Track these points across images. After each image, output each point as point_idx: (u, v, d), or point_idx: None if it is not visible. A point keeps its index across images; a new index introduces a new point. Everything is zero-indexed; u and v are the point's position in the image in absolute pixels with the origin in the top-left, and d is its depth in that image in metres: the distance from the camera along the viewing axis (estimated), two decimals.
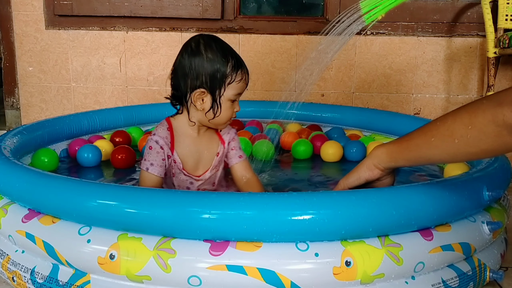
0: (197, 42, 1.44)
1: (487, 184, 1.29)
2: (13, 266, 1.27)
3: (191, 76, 1.41)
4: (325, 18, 2.78)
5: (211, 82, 1.40)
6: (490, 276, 1.27)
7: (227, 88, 1.41)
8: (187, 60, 1.41)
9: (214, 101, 1.42)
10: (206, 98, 1.42)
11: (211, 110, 1.43)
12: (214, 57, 1.40)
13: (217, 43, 1.44)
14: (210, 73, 1.40)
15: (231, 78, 1.41)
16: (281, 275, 1.07)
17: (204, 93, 1.41)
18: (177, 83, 1.45)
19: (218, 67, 1.40)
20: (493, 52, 2.50)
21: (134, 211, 1.13)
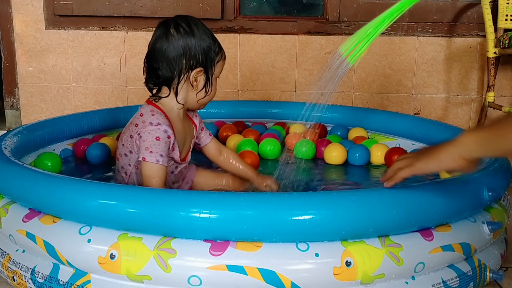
0: (187, 22, 1.43)
1: (488, 184, 1.29)
2: (13, 265, 1.27)
3: (188, 56, 1.41)
4: (325, 18, 2.78)
5: (206, 61, 1.43)
6: (490, 276, 1.28)
7: (216, 66, 1.46)
8: (182, 41, 1.41)
9: (207, 80, 1.45)
10: (201, 77, 1.44)
11: (204, 89, 1.45)
12: (205, 36, 1.43)
13: (202, 23, 1.46)
14: (206, 51, 1.42)
15: (219, 56, 1.46)
16: (281, 275, 1.07)
17: (201, 72, 1.43)
18: (165, 65, 1.42)
19: (211, 45, 1.43)
20: (493, 52, 2.50)
21: (134, 211, 1.13)
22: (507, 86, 2.76)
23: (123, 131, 1.53)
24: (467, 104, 2.80)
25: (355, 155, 2.04)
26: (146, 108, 1.46)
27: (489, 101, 2.54)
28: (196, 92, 1.46)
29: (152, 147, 1.38)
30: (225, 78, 2.83)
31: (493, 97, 2.54)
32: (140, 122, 1.42)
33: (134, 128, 1.43)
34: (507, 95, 2.76)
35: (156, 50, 1.44)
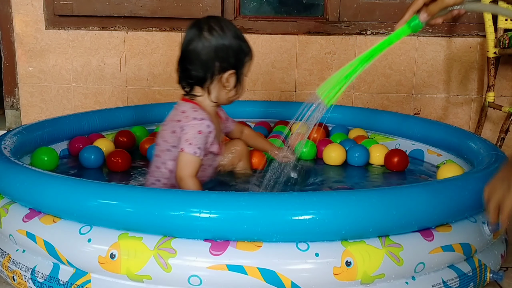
0: (219, 25, 1.49)
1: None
2: (13, 265, 1.27)
3: (221, 58, 1.47)
4: (325, 18, 2.78)
5: (237, 63, 1.50)
6: (491, 276, 1.28)
7: (245, 66, 1.54)
8: (215, 44, 1.46)
9: (238, 80, 1.52)
10: (233, 78, 1.52)
11: (235, 88, 1.53)
12: (236, 38, 1.49)
13: (232, 24, 1.53)
14: (237, 53, 1.49)
15: (249, 57, 1.54)
16: (281, 275, 1.07)
17: (233, 74, 1.51)
18: (198, 67, 1.48)
19: (241, 47, 1.51)
20: (493, 52, 2.50)
21: (134, 211, 1.13)
22: (507, 86, 2.76)
23: (163, 128, 1.57)
24: (467, 104, 2.80)
25: (355, 156, 2.03)
26: (186, 105, 1.52)
27: (489, 101, 2.54)
28: (227, 91, 1.53)
29: (192, 139, 1.44)
30: None
31: (493, 97, 2.54)
32: (183, 117, 1.49)
33: (176, 124, 1.50)
34: (507, 95, 2.76)
35: (189, 51, 1.49)
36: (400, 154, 1.97)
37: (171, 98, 2.86)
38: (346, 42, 2.76)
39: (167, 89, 2.86)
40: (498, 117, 2.74)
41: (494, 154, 1.52)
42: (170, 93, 2.86)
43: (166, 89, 2.86)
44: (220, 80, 1.50)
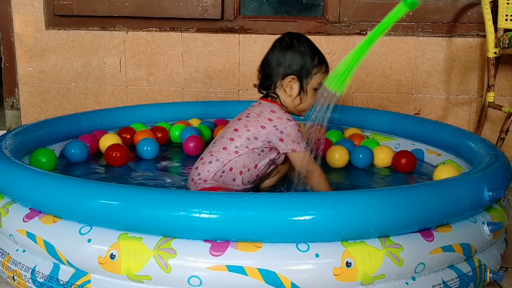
0: (290, 38, 1.68)
1: (488, 184, 1.29)
2: (13, 265, 1.28)
3: (284, 65, 1.63)
4: (325, 18, 2.78)
5: (301, 71, 1.62)
6: (491, 276, 1.28)
7: (313, 77, 1.63)
8: (282, 52, 1.65)
9: (301, 88, 1.63)
10: (295, 85, 1.63)
11: (298, 96, 1.63)
12: (305, 50, 1.64)
13: (307, 40, 1.69)
14: (301, 63, 1.62)
15: (318, 69, 1.63)
16: (281, 275, 1.07)
17: (294, 80, 1.63)
18: (268, 72, 1.67)
19: (308, 58, 1.63)
20: (493, 52, 2.50)
21: (134, 211, 1.13)
22: (507, 86, 2.75)
23: (245, 119, 1.66)
24: (467, 104, 2.80)
25: (359, 156, 2.03)
26: (273, 105, 1.66)
27: (489, 101, 2.54)
28: (292, 98, 1.65)
29: (297, 139, 1.61)
30: (225, 78, 2.83)
31: (493, 97, 2.54)
32: (275, 117, 1.62)
33: (267, 121, 1.62)
34: (507, 95, 2.76)
35: (265, 59, 1.70)
36: (408, 156, 1.97)
37: (171, 98, 2.86)
38: (346, 42, 2.76)
39: (167, 89, 2.86)
40: (498, 117, 2.74)
41: (494, 154, 1.52)
42: (170, 93, 2.86)
43: (166, 89, 2.86)
44: (282, 85, 1.64)
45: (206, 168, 1.60)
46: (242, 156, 1.60)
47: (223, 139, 1.64)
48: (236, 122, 1.66)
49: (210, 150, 1.64)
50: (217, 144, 1.64)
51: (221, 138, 1.65)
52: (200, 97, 2.85)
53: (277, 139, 1.60)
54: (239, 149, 1.60)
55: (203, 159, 1.63)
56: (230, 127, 1.67)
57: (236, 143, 1.61)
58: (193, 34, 2.79)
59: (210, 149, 1.65)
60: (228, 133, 1.64)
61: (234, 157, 1.60)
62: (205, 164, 1.61)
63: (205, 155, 1.64)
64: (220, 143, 1.63)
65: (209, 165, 1.60)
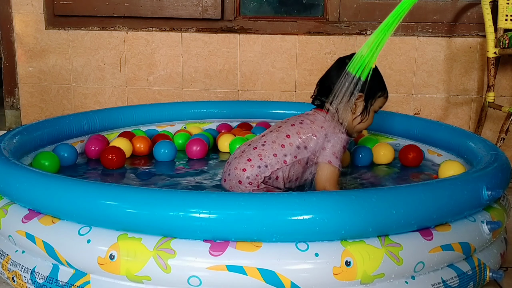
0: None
1: (487, 183, 1.29)
2: (13, 266, 1.27)
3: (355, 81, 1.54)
4: (325, 18, 2.78)
5: (369, 91, 1.59)
6: (490, 276, 1.28)
7: (377, 99, 1.65)
8: None
9: (365, 108, 1.63)
10: (361, 103, 1.62)
11: (360, 115, 1.63)
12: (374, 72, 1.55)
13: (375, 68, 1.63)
14: (371, 84, 1.55)
15: (382, 93, 1.66)
16: (281, 275, 1.07)
17: (361, 98, 1.60)
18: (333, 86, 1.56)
19: (376, 81, 1.60)
20: (493, 52, 2.50)
21: (134, 211, 1.13)
22: (507, 86, 2.75)
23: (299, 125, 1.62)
24: (467, 104, 2.80)
25: (359, 155, 2.03)
26: (328, 117, 1.62)
27: (489, 101, 2.54)
28: (354, 116, 1.63)
29: (338, 153, 1.57)
30: (225, 78, 2.83)
31: (493, 97, 2.54)
32: (328, 127, 1.59)
33: (320, 129, 1.59)
34: (507, 95, 2.76)
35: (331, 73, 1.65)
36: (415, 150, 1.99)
37: (170, 98, 2.86)
38: (346, 42, 2.76)
39: (166, 89, 2.86)
40: (498, 117, 2.74)
41: (493, 154, 1.52)
42: (170, 93, 2.86)
43: (165, 89, 2.86)
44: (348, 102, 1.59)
45: (255, 172, 1.57)
46: (289, 167, 1.58)
47: (274, 144, 1.59)
48: (289, 128, 1.62)
49: (259, 152, 1.59)
50: (267, 147, 1.60)
51: (272, 143, 1.60)
52: (200, 97, 2.85)
53: (322, 146, 1.57)
54: (288, 159, 1.58)
55: (252, 161, 1.58)
56: (282, 131, 1.62)
57: (286, 151, 1.58)
58: (193, 34, 2.79)
59: (259, 151, 1.59)
60: (280, 139, 1.60)
61: (282, 166, 1.58)
62: (254, 167, 1.57)
63: (252, 156, 1.59)
64: (271, 147, 1.59)
65: (258, 169, 1.57)
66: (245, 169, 1.57)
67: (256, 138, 1.67)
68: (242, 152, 1.63)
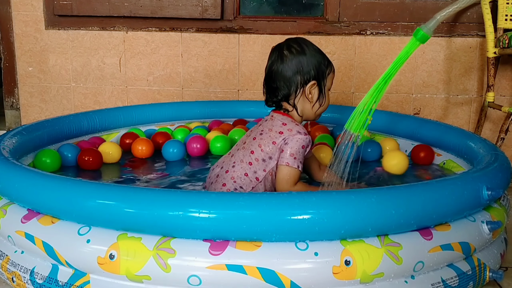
0: (297, 43, 1.59)
1: (487, 183, 1.29)
2: (12, 266, 1.27)
3: (301, 72, 1.56)
4: (325, 18, 2.78)
5: (318, 75, 1.57)
6: (490, 275, 1.28)
7: (327, 78, 1.60)
8: (295, 60, 1.56)
9: (321, 92, 1.59)
10: (315, 90, 1.58)
11: (318, 101, 1.59)
12: (315, 52, 1.58)
13: (310, 42, 1.62)
14: (317, 66, 1.57)
15: (329, 69, 1.60)
16: (280, 274, 1.07)
17: (314, 85, 1.57)
18: (283, 84, 1.58)
19: (321, 60, 1.58)
20: (493, 52, 2.50)
21: (133, 211, 1.13)
22: (506, 86, 2.75)
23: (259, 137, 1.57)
24: (467, 104, 2.80)
25: (368, 150, 2.06)
26: (285, 118, 1.59)
27: (488, 101, 2.54)
28: (312, 104, 1.60)
29: (296, 153, 1.52)
30: (225, 78, 2.83)
31: (492, 97, 2.54)
32: (285, 130, 1.54)
33: (278, 135, 1.54)
34: (506, 95, 2.76)
35: (273, 72, 1.59)
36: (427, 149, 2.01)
37: (170, 98, 2.86)
38: (346, 42, 2.76)
39: (166, 89, 2.86)
40: (497, 117, 2.74)
41: (493, 154, 1.52)
42: (170, 93, 2.86)
43: (165, 89, 2.86)
44: (303, 93, 1.58)
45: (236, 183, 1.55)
46: (263, 181, 1.56)
47: (242, 164, 1.56)
48: (252, 143, 1.57)
49: (232, 175, 1.56)
50: (237, 168, 1.56)
51: (240, 162, 1.56)
52: (200, 97, 2.85)
53: (280, 151, 1.54)
54: (259, 175, 1.55)
55: (227, 186, 1.55)
56: (247, 148, 1.58)
57: (255, 167, 1.54)
58: (192, 34, 2.79)
59: (231, 174, 1.56)
60: (246, 157, 1.56)
61: (257, 184, 1.55)
62: (231, 191, 1.55)
63: (226, 180, 1.56)
64: (240, 167, 1.56)
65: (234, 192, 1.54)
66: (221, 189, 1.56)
67: (227, 159, 1.62)
68: (217, 177, 1.60)
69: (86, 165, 1.91)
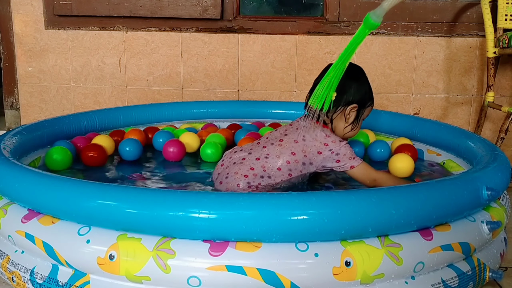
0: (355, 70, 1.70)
1: (487, 183, 1.29)
2: (12, 266, 1.27)
3: (349, 94, 1.66)
4: (325, 18, 2.78)
5: (361, 101, 1.68)
6: (490, 275, 1.28)
7: (366, 109, 1.72)
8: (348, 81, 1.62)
9: (356, 117, 1.69)
10: (354, 113, 1.68)
11: (352, 124, 1.69)
12: (366, 83, 1.71)
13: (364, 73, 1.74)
14: (363, 94, 1.68)
15: (371, 102, 1.73)
16: (280, 275, 1.07)
17: (355, 108, 1.67)
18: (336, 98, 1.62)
19: (368, 91, 1.71)
20: (493, 52, 2.50)
21: (133, 211, 1.13)
22: (506, 86, 2.75)
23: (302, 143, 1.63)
24: (466, 104, 2.80)
25: (377, 150, 2.06)
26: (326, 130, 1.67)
27: (488, 101, 2.54)
28: (346, 125, 1.69)
29: (352, 154, 1.63)
30: (225, 78, 2.83)
31: (492, 97, 2.54)
32: (330, 142, 1.63)
33: (324, 147, 1.62)
34: (506, 95, 2.76)
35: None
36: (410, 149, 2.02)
37: (170, 98, 2.86)
38: (346, 42, 2.75)
39: (166, 89, 2.86)
40: (497, 117, 2.74)
41: (493, 154, 1.52)
42: (170, 93, 2.86)
43: (165, 89, 2.86)
44: (343, 112, 1.67)
45: (257, 181, 1.59)
46: (293, 178, 1.63)
47: (278, 159, 1.61)
48: (294, 145, 1.63)
49: (263, 164, 1.61)
50: (271, 161, 1.61)
51: (276, 157, 1.62)
52: (199, 97, 2.85)
53: (333, 161, 1.62)
54: (293, 173, 1.62)
55: (255, 171, 1.60)
56: (286, 147, 1.63)
57: (291, 166, 1.61)
58: (192, 34, 2.79)
59: (263, 163, 1.61)
60: (285, 155, 1.62)
61: (287, 179, 1.61)
62: (257, 176, 1.60)
63: (256, 166, 1.61)
64: (274, 161, 1.61)
65: (261, 179, 1.59)
66: (247, 175, 1.60)
67: (256, 147, 1.68)
68: (242, 159, 1.64)
69: (90, 161, 1.90)
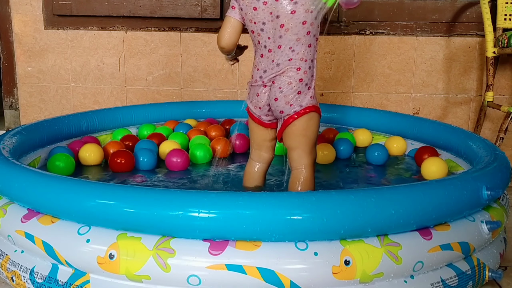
0: None
1: (486, 183, 1.29)
2: (12, 266, 1.27)
3: None
4: (324, 18, 2.78)
5: None
6: (489, 275, 1.28)
7: None
8: None
9: None
10: None
11: None
12: None
13: None
14: None
15: None
16: (280, 274, 1.07)
17: None
18: None
19: None
20: (492, 52, 2.50)
21: (133, 211, 1.13)
22: (506, 85, 2.76)
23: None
24: (466, 103, 2.80)
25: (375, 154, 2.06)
26: None
27: (488, 101, 2.54)
28: None
29: None
30: (225, 78, 2.83)
31: (492, 97, 2.54)
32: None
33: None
34: (506, 95, 2.76)
35: None
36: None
37: (170, 98, 2.86)
38: (345, 42, 2.76)
39: (166, 89, 2.86)
40: (497, 116, 2.74)
41: (493, 154, 1.52)
42: (169, 93, 2.86)
43: (165, 89, 2.86)
44: None
45: (309, 73, 1.51)
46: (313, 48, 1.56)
47: (299, 42, 1.52)
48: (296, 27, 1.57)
49: (291, 57, 1.51)
50: (299, 45, 1.53)
51: (291, 51, 1.52)
52: (199, 96, 2.85)
53: None
54: (311, 42, 1.55)
55: (301, 69, 1.50)
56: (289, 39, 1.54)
57: (306, 39, 1.55)
58: (192, 34, 2.79)
59: (295, 55, 1.51)
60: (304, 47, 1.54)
61: (314, 53, 1.55)
62: (307, 73, 1.50)
63: (299, 64, 1.50)
64: (303, 50, 1.52)
65: (310, 70, 1.51)
66: (302, 79, 1.50)
67: (271, 61, 1.57)
68: (278, 65, 1.54)
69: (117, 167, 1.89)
